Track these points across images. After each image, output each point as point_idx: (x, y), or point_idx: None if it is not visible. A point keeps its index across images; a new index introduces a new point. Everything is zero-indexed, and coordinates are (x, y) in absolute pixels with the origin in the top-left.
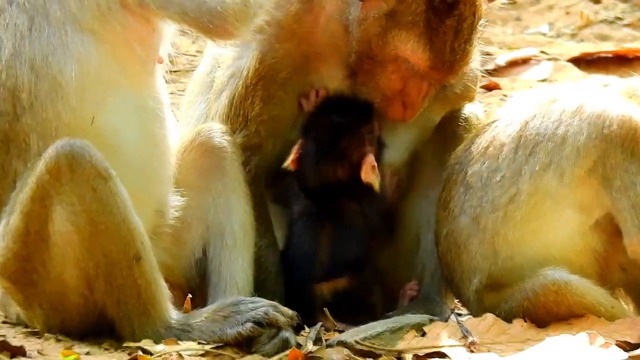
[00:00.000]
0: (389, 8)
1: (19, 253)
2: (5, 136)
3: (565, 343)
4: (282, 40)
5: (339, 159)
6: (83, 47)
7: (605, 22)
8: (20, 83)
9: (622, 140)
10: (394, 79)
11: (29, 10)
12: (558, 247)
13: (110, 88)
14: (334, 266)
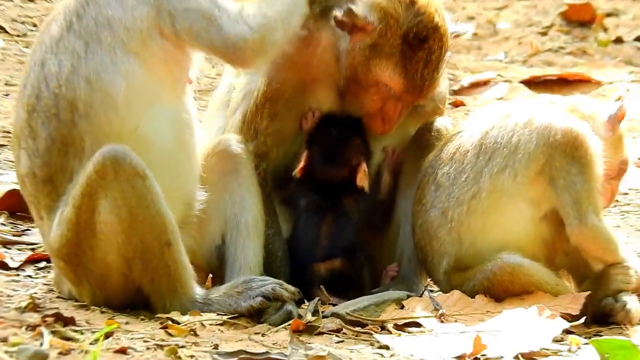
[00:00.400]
0: (372, 41)
1: (71, 239)
2: (65, 139)
3: (519, 315)
4: (285, 69)
5: (340, 164)
6: (129, 67)
7: (550, 51)
8: (78, 95)
9: (564, 147)
10: (375, 99)
11: (84, 36)
12: (513, 236)
13: (150, 101)
14: (331, 248)
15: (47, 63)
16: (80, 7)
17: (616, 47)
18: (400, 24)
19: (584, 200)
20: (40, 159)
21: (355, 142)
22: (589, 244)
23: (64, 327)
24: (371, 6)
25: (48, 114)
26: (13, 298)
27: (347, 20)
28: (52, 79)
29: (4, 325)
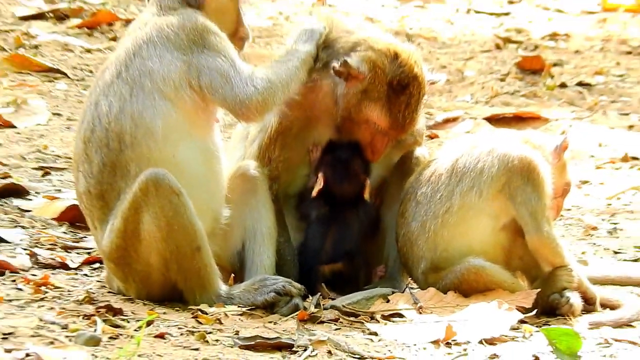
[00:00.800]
0: (363, 87)
1: (120, 245)
2: (113, 164)
3: (482, 308)
4: (293, 109)
5: (353, 181)
6: (165, 109)
7: (508, 94)
8: (124, 130)
9: (520, 171)
10: (365, 134)
11: (130, 83)
12: (477, 243)
13: (183, 136)
14: (334, 253)
15: (100, 103)
16: (128, 59)
17: (561, 90)
18: (386, 73)
19: (538, 213)
20: (94, 179)
21: (358, 162)
22: (543, 248)
23: (114, 316)
24: (363, 59)
25: (100, 144)
26: (72, 293)
27: (343, 70)
28: (103, 116)
29: (65, 314)
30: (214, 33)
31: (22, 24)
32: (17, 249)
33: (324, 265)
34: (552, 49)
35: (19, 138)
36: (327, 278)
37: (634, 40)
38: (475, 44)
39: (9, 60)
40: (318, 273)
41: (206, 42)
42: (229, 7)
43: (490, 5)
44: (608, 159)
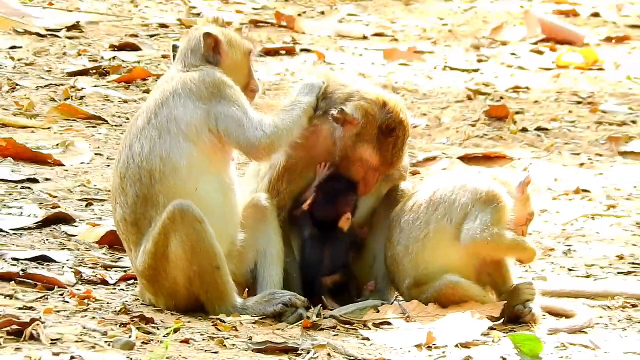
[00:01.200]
0: (357, 131)
1: (151, 265)
2: (145, 196)
3: (458, 317)
4: (299, 150)
5: (332, 209)
6: (188, 150)
7: (478, 137)
8: (154, 167)
9: (484, 201)
10: (359, 170)
11: (159, 128)
12: (453, 262)
13: (204, 172)
14: (333, 266)
15: (134, 145)
16: (157, 108)
17: (523, 134)
18: (376, 119)
19: (487, 226)
20: (129, 209)
21: (348, 197)
22: (483, 248)
23: (146, 324)
24: (356, 107)
25: (134, 179)
26: (111, 305)
27: (340, 117)
28: (137, 156)
29: (105, 323)
30: (230, 86)
31: (70, 79)
32: (65, 268)
33: (326, 277)
34: (515, 100)
35: (66, 174)
36: (329, 288)
37: (583, 93)
38: (451, 96)
39: (58, 110)
40: (321, 284)
41: (223, 94)
42: (242, 64)
43: (462, 63)
44: (563, 191)
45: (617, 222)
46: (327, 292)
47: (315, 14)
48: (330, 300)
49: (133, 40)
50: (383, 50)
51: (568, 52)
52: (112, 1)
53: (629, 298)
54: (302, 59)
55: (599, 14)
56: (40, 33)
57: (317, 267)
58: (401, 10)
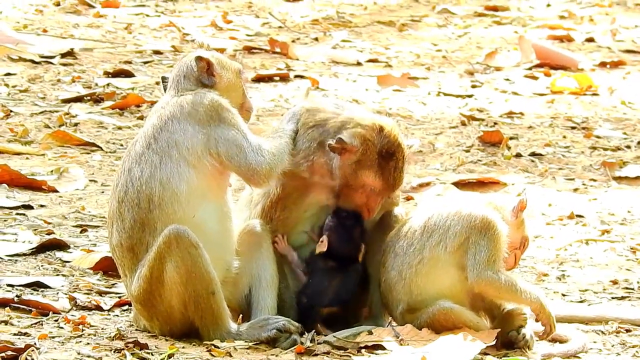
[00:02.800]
0: (357, 158)
1: (146, 289)
2: (143, 221)
3: (451, 340)
4: (294, 180)
5: (351, 245)
6: (189, 175)
7: (471, 163)
8: (154, 191)
9: (480, 228)
10: (361, 196)
11: (159, 153)
12: (446, 288)
13: (202, 199)
14: (334, 300)
15: (133, 170)
16: (156, 133)
17: (516, 160)
18: (375, 144)
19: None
20: (126, 234)
21: (358, 230)
22: (486, 289)
23: (140, 350)
24: (354, 135)
25: (132, 203)
26: (105, 330)
27: (337, 146)
28: (136, 180)
29: (99, 349)
30: (227, 109)
31: (64, 105)
32: (59, 294)
33: (323, 308)
34: (509, 125)
35: (61, 201)
36: (323, 317)
37: (577, 118)
38: (444, 121)
39: (52, 136)
40: (317, 313)
41: (221, 117)
42: (235, 84)
43: (456, 89)
44: (557, 216)
45: (611, 247)
46: (321, 321)
47: (309, 40)
48: (323, 328)
49: (127, 66)
50: (377, 76)
51: (562, 77)
52: (106, 28)
53: (622, 323)
54: (296, 85)
55: (594, 39)
56: (34, 60)
57: (320, 297)
58: (395, 37)
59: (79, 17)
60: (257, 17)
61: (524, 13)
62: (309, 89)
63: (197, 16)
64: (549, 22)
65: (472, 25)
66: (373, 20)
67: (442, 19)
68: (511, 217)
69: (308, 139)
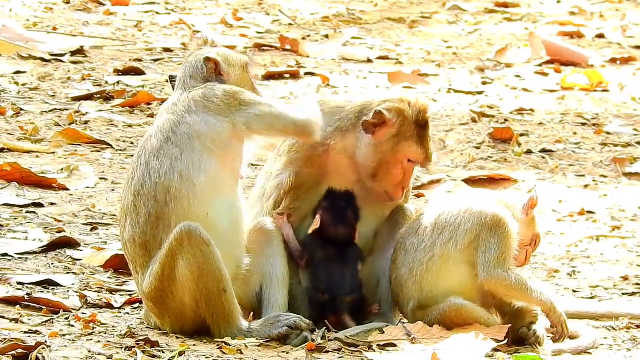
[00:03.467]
0: (395, 132)
1: (158, 286)
2: (158, 215)
3: (463, 338)
4: (308, 167)
5: (345, 226)
6: (210, 165)
7: (482, 159)
8: (172, 183)
9: (490, 226)
10: (399, 174)
11: (179, 145)
12: (457, 285)
13: (218, 191)
14: (352, 286)
15: (151, 163)
16: (174, 127)
17: (527, 156)
18: (409, 115)
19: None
20: (139, 229)
21: (351, 211)
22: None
23: (151, 348)
24: (388, 109)
25: (149, 196)
26: (116, 328)
27: (375, 121)
28: (154, 173)
29: (110, 347)
30: (241, 92)
31: (75, 103)
32: (70, 292)
33: (346, 297)
34: (520, 122)
35: (71, 199)
36: (348, 306)
37: (588, 114)
38: (455, 118)
39: (63, 134)
40: (342, 303)
41: (240, 101)
42: (243, 78)
43: (467, 86)
44: (567, 213)
45: (621, 243)
46: (346, 310)
47: (319, 37)
48: (349, 319)
49: (137, 64)
50: (387, 74)
51: (572, 73)
52: (116, 25)
53: (633, 319)
54: (307, 83)
55: (604, 35)
56: (44, 58)
57: (337, 287)
58: (405, 34)
59: (89, 15)
60: (267, 14)
61: (534, 9)
62: (319, 86)
63: (208, 14)
64: (559, 18)
65: (482, 21)
66: (383, 17)
67: (453, 15)
68: (522, 215)
69: (324, 124)
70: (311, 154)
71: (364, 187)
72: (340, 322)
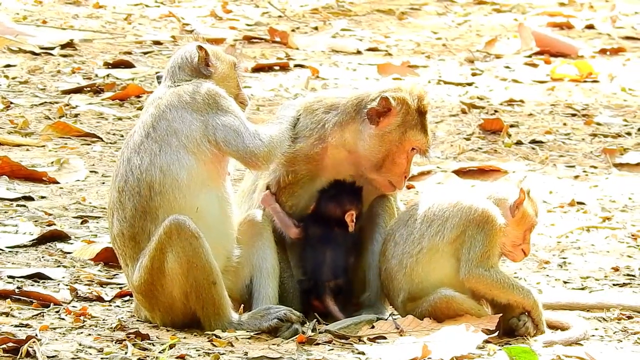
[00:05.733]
0: (400, 120)
1: (147, 280)
2: (144, 209)
3: (453, 330)
4: (305, 163)
5: (337, 203)
6: (189, 162)
7: (472, 151)
8: (154, 179)
9: (478, 222)
10: (403, 163)
11: (158, 141)
12: (447, 277)
13: (203, 186)
14: (335, 270)
15: (132, 159)
16: (155, 122)
17: (517, 147)
18: (411, 103)
19: (475, 258)
20: (127, 223)
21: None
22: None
23: (142, 341)
24: (392, 97)
25: (133, 192)
26: (107, 321)
27: (379, 108)
28: (136, 169)
29: (100, 340)
30: (224, 97)
31: (64, 96)
32: (60, 285)
33: (328, 282)
34: (509, 113)
35: (61, 192)
36: (332, 291)
37: (578, 105)
38: (445, 109)
39: (53, 127)
40: (325, 288)
41: (218, 104)
42: (230, 76)
43: (456, 77)
44: (558, 204)
45: (612, 234)
46: (330, 296)
47: (309, 29)
48: (332, 303)
49: (127, 57)
50: (377, 65)
51: (562, 64)
52: (105, 19)
53: (624, 310)
54: (296, 74)
55: (593, 26)
56: (34, 51)
57: (320, 271)
58: (395, 25)
59: (78, 8)
60: (256, 6)
61: (524, 0)
62: (309, 78)
63: (197, 6)
64: (548, 9)
65: (471, 13)
66: (373, 9)
67: (442, 7)
68: (510, 214)
69: (322, 121)
70: (309, 152)
71: (360, 180)
72: (324, 306)
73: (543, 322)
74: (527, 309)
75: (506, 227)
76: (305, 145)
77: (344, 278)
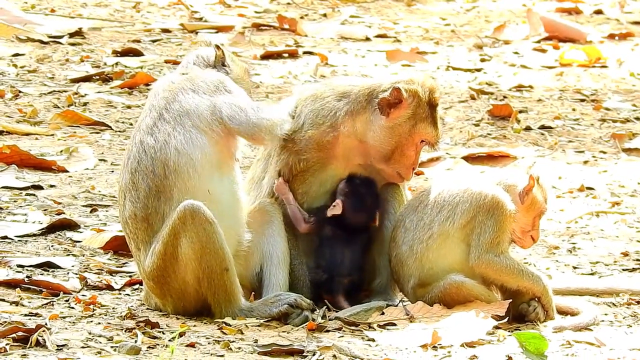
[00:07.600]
0: (411, 112)
1: (160, 265)
2: (158, 188)
3: (463, 316)
4: (317, 151)
5: (365, 212)
6: (202, 142)
7: (481, 137)
8: (169, 157)
9: (488, 208)
10: (412, 155)
11: (172, 122)
12: (457, 262)
13: (215, 168)
14: (351, 268)
15: (145, 140)
16: (167, 103)
17: (526, 133)
18: (422, 96)
19: (485, 244)
20: (140, 203)
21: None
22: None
23: (151, 329)
24: (404, 89)
25: (147, 171)
26: (116, 310)
27: (390, 99)
28: (149, 148)
29: (110, 328)
30: (233, 84)
31: (73, 85)
32: (70, 274)
33: (344, 278)
34: (518, 98)
35: (70, 180)
36: (344, 287)
37: (587, 90)
38: (454, 95)
39: (62, 116)
40: (340, 284)
41: (226, 87)
42: (243, 79)
43: (465, 63)
44: (567, 189)
45: (621, 219)
46: (342, 291)
47: (317, 16)
48: (343, 299)
49: (135, 45)
50: (385, 52)
51: (571, 49)
52: (114, 7)
53: (634, 295)
54: (305, 62)
55: (602, 11)
56: (42, 40)
57: (336, 267)
58: (403, 11)
59: None
60: None
61: None
62: (318, 65)
63: None
64: None
65: None
66: None
67: None
68: (520, 200)
69: (333, 109)
70: (321, 140)
71: (368, 169)
72: (334, 303)
73: (553, 308)
74: (537, 295)
75: (515, 214)
76: (317, 132)
77: (358, 274)
